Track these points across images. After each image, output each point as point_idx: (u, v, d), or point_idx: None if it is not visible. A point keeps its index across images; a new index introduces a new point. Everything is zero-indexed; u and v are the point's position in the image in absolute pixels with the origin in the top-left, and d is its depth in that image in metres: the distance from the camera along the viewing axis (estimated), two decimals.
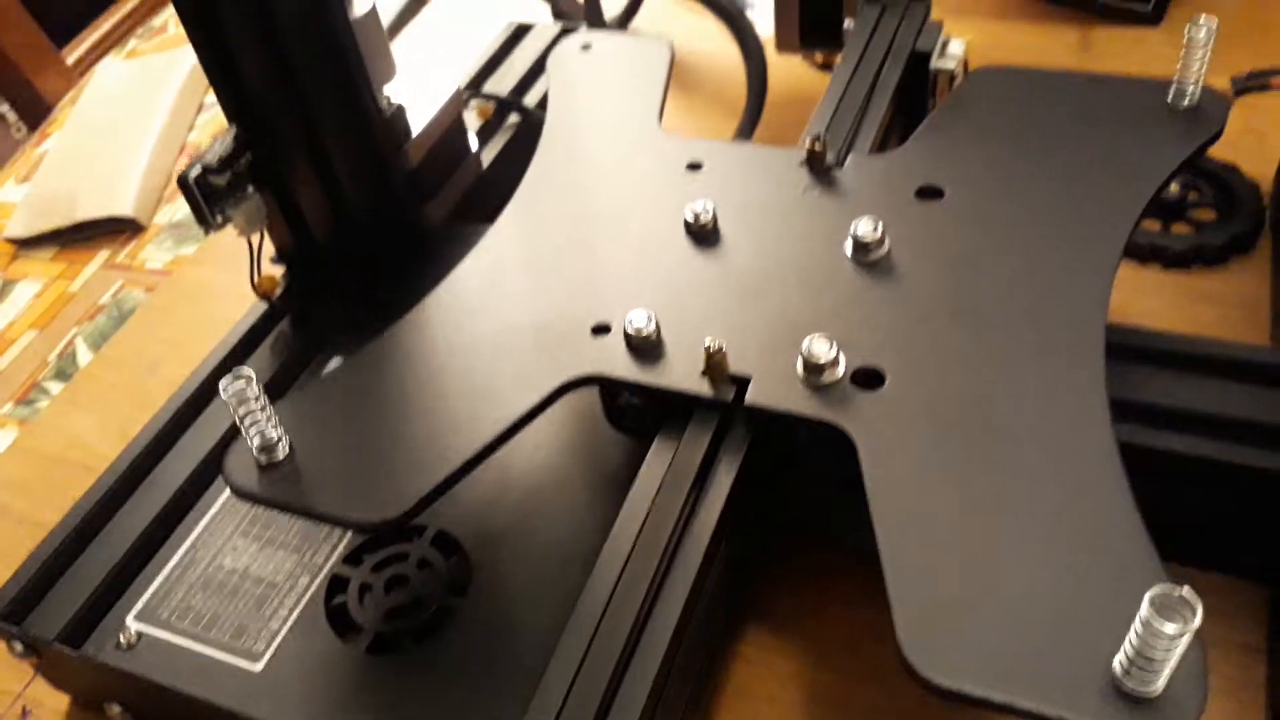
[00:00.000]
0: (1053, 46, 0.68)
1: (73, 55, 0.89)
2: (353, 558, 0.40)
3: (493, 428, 0.35)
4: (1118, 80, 0.43)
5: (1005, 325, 0.35)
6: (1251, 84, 0.53)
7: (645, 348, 0.36)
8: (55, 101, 0.84)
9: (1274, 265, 0.52)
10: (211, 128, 0.80)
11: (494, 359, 0.38)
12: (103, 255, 0.70)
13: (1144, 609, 0.24)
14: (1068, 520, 0.30)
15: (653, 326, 0.36)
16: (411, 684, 0.36)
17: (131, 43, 0.91)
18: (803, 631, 0.42)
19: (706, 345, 0.35)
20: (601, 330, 0.38)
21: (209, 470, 0.44)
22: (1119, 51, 0.67)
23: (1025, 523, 0.30)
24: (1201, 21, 0.40)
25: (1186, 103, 0.41)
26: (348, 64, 0.45)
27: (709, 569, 0.33)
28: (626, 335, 0.36)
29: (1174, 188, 0.55)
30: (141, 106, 0.79)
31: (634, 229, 0.41)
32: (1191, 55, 0.41)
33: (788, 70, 0.64)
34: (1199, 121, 0.41)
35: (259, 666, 0.38)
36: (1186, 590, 0.24)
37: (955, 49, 0.50)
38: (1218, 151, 0.56)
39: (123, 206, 0.71)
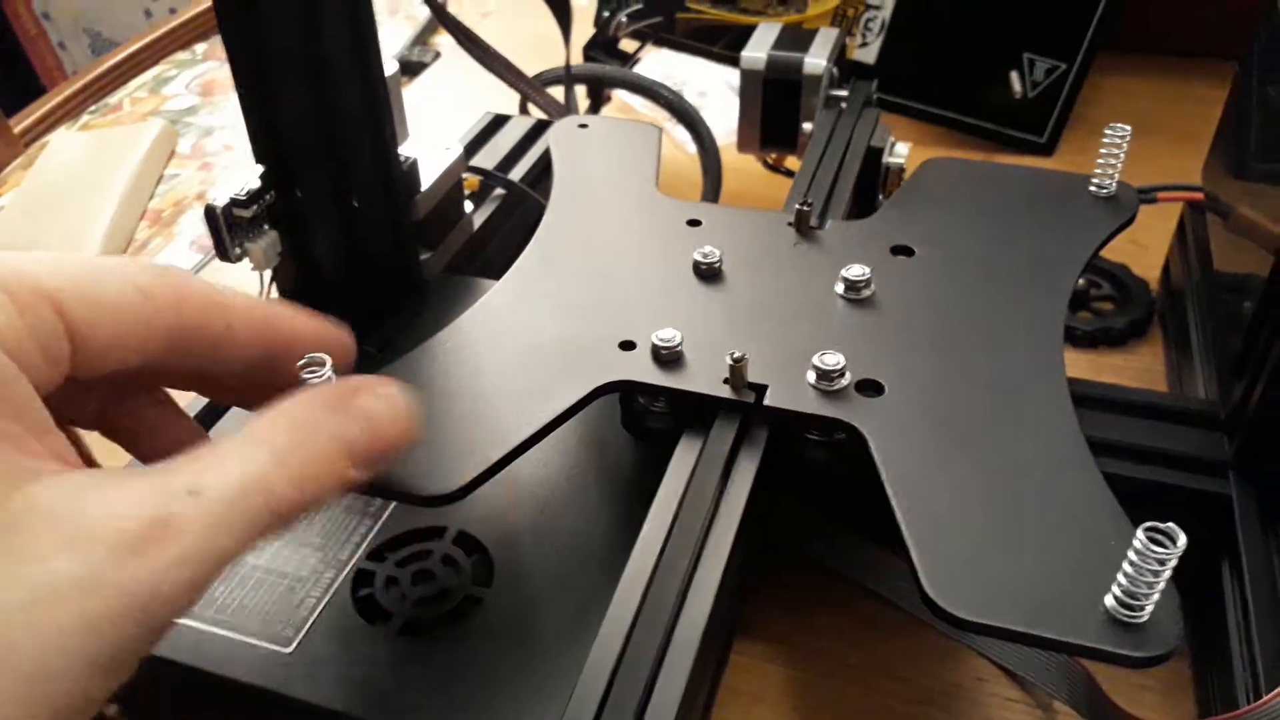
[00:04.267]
0: None
1: (20, 125, 0.90)
2: (376, 554, 0.43)
3: (537, 420, 0.39)
4: (1048, 171, 0.52)
5: (978, 353, 0.41)
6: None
7: (670, 359, 0.41)
8: (2, 166, 0.85)
9: (1165, 345, 0.60)
10: (172, 196, 0.82)
11: (528, 369, 0.41)
12: None
13: (1138, 539, 0.30)
14: (1051, 489, 0.35)
15: (679, 340, 0.41)
16: (442, 664, 0.38)
17: (84, 118, 0.93)
18: (786, 639, 0.46)
19: (731, 354, 0.40)
20: (628, 346, 0.42)
21: None
22: None
23: (1015, 493, 0.35)
24: (1117, 127, 0.49)
25: (1105, 193, 0.49)
26: (381, 115, 0.50)
27: (735, 556, 0.37)
28: (654, 348, 0.41)
29: (1080, 282, 0.64)
30: (103, 172, 0.81)
31: (647, 269, 0.46)
32: (1110, 154, 0.49)
33: (738, 171, 0.72)
34: (1117, 208, 0.49)
35: (290, 649, 0.39)
36: (1170, 525, 0.30)
37: (902, 149, 0.58)
38: (1113, 255, 0.65)
39: None
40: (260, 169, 0.50)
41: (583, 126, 0.57)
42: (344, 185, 0.50)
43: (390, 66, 0.51)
